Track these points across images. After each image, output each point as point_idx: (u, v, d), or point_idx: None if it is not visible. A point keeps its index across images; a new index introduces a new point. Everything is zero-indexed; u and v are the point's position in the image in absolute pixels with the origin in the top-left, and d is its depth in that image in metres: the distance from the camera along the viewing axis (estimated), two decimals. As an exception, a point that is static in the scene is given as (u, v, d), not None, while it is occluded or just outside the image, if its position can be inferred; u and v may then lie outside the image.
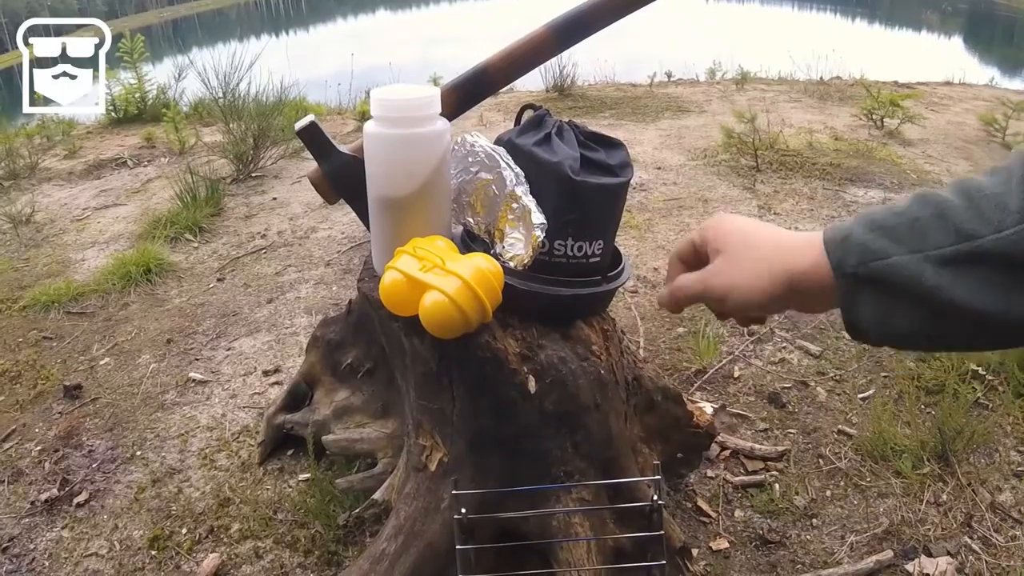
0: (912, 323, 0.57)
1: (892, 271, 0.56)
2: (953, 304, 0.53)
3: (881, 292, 0.57)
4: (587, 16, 1.28)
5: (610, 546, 1.39)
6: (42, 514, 1.88)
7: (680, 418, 1.70)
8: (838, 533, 1.75)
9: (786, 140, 4.61)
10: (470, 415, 1.30)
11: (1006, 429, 2.05)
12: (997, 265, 0.52)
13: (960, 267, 0.53)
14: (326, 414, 1.85)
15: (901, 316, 0.57)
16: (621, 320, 2.58)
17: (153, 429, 2.17)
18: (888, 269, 0.56)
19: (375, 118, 1.15)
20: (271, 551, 1.74)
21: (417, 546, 1.37)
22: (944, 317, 0.55)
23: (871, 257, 0.57)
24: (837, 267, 0.59)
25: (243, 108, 4.55)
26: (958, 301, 0.53)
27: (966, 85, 7.46)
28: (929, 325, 0.56)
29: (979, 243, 0.52)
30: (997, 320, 0.53)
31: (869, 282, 0.57)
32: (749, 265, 0.66)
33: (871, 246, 0.57)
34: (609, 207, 1.22)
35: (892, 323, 0.58)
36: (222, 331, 2.70)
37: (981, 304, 0.52)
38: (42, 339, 2.70)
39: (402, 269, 1.12)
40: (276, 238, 3.55)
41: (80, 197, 4.28)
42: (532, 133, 1.22)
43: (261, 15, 44.45)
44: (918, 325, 0.56)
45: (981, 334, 0.55)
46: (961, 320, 0.54)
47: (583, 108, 5.96)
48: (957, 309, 0.53)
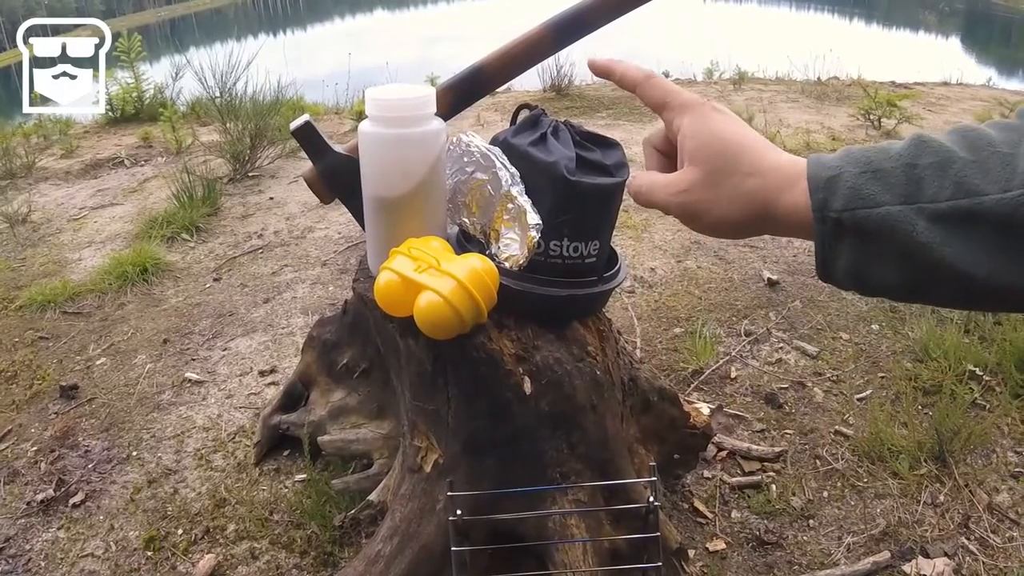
0: (892, 277, 0.54)
1: (882, 222, 0.52)
2: (941, 262, 0.50)
3: (865, 242, 0.53)
4: (585, 15, 1.27)
5: (606, 547, 1.39)
6: (38, 515, 1.88)
7: (676, 419, 1.70)
8: (835, 534, 1.75)
9: (783, 140, 4.61)
10: (465, 416, 1.29)
11: (1003, 430, 2.05)
12: (994, 227, 0.48)
13: (954, 224, 0.50)
14: (322, 415, 1.84)
15: (882, 268, 0.54)
16: (618, 320, 2.58)
17: (149, 429, 2.17)
18: (878, 219, 0.52)
19: (370, 118, 1.15)
20: (267, 552, 1.73)
21: (412, 547, 1.37)
22: (928, 274, 0.52)
23: (859, 204, 0.53)
24: (819, 208, 0.55)
25: (240, 108, 4.54)
26: (947, 259, 0.50)
27: (963, 85, 7.47)
28: (910, 281, 0.53)
29: (981, 201, 0.49)
30: (981, 283, 0.50)
31: (854, 230, 0.53)
32: (727, 192, 0.61)
33: (861, 191, 0.53)
34: (605, 207, 1.21)
35: (871, 274, 0.54)
36: (218, 331, 2.70)
37: (968, 265, 0.50)
38: (38, 339, 2.69)
39: (397, 269, 1.11)
40: (273, 238, 3.54)
41: (77, 197, 4.27)
42: (528, 133, 1.22)
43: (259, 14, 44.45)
44: (898, 279, 0.54)
45: (962, 295, 0.52)
46: (944, 278, 0.51)
47: (580, 108, 5.96)
48: (944, 267, 0.50)
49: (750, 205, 0.60)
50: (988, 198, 0.48)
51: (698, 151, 0.63)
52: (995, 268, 0.49)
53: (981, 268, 0.49)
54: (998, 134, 0.52)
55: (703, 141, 0.63)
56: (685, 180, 0.63)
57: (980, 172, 0.50)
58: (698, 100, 0.65)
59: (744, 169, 0.60)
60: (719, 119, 0.64)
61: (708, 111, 0.64)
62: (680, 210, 0.64)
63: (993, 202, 0.48)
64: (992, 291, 0.50)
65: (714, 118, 0.64)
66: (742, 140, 0.62)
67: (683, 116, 0.65)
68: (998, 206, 0.48)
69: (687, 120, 0.64)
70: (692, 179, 0.62)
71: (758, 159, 0.61)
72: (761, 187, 0.59)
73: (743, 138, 0.62)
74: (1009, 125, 0.53)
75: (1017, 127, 0.52)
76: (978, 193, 0.49)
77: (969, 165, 0.50)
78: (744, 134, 0.63)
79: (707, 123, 0.63)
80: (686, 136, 0.64)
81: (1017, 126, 0.52)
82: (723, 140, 0.62)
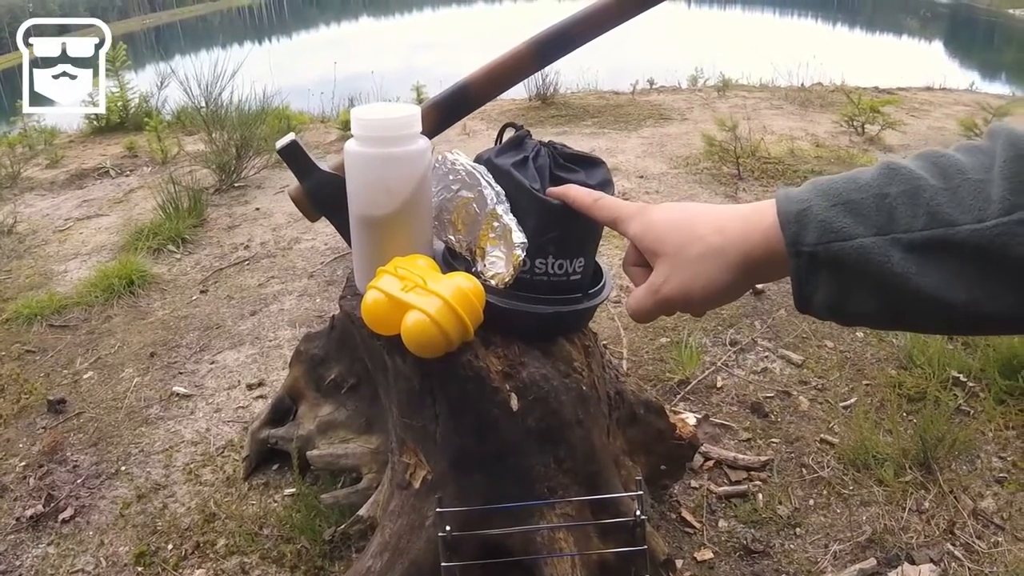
0: (871, 307, 0.54)
1: (857, 255, 0.52)
2: (919, 292, 0.50)
3: (841, 274, 0.54)
4: (569, 31, 1.28)
5: (594, 561, 1.40)
6: (27, 530, 1.87)
7: (663, 430, 1.71)
8: (821, 542, 1.77)
9: (767, 147, 4.63)
10: (453, 433, 1.30)
11: (988, 436, 2.07)
12: (970, 256, 0.49)
13: (929, 254, 0.50)
14: (310, 429, 1.85)
15: (860, 299, 0.54)
16: (604, 331, 2.59)
17: (138, 444, 2.16)
18: (852, 252, 0.52)
19: (355, 137, 1.16)
20: (257, 567, 1.73)
21: (402, 563, 1.37)
22: (907, 304, 0.52)
23: (832, 237, 0.53)
24: (792, 243, 0.55)
25: (225, 117, 4.55)
26: (925, 289, 0.50)
27: (946, 90, 7.52)
28: (889, 310, 0.53)
29: (955, 231, 0.49)
30: (960, 311, 0.50)
31: (828, 263, 0.54)
32: (699, 264, 0.61)
33: (832, 224, 0.53)
34: (589, 225, 1.22)
35: (849, 305, 0.55)
36: (206, 344, 2.69)
37: (946, 293, 0.50)
38: (25, 352, 2.69)
39: (383, 289, 1.12)
40: (259, 249, 3.54)
41: (62, 207, 4.26)
42: (511, 154, 1.23)
43: (244, 22, 44.30)
44: (876, 309, 0.54)
45: (942, 322, 0.53)
46: (923, 307, 0.51)
47: (566, 117, 5.98)
48: (922, 297, 0.51)
49: (725, 259, 0.60)
50: (963, 228, 0.49)
51: (655, 243, 0.65)
52: (973, 296, 0.49)
53: (959, 296, 0.50)
54: (967, 159, 0.52)
55: (655, 233, 0.66)
56: (659, 275, 0.65)
57: (952, 201, 0.50)
58: (638, 206, 0.69)
59: (702, 231, 0.62)
60: (660, 209, 0.67)
61: (649, 209, 0.68)
62: (671, 303, 0.65)
63: (968, 232, 0.48)
64: (972, 318, 0.51)
65: (655, 211, 0.67)
66: (690, 213, 0.65)
67: (631, 224, 0.68)
68: (973, 236, 0.48)
69: (635, 225, 0.68)
70: (663, 270, 0.64)
71: (716, 217, 0.62)
72: (732, 242, 0.60)
73: (690, 213, 0.65)
74: (978, 148, 0.53)
75: (987, 150, 0.52)
76: (952, 223, 0.49)
77: (940, 193, 0.50)
78: (690, 208, 0.66)
79: (651, 217, 0.67)
80: (641, 238, 0.67)
81: (987, 148, 0.52)
82: (671, 222, 0.65)
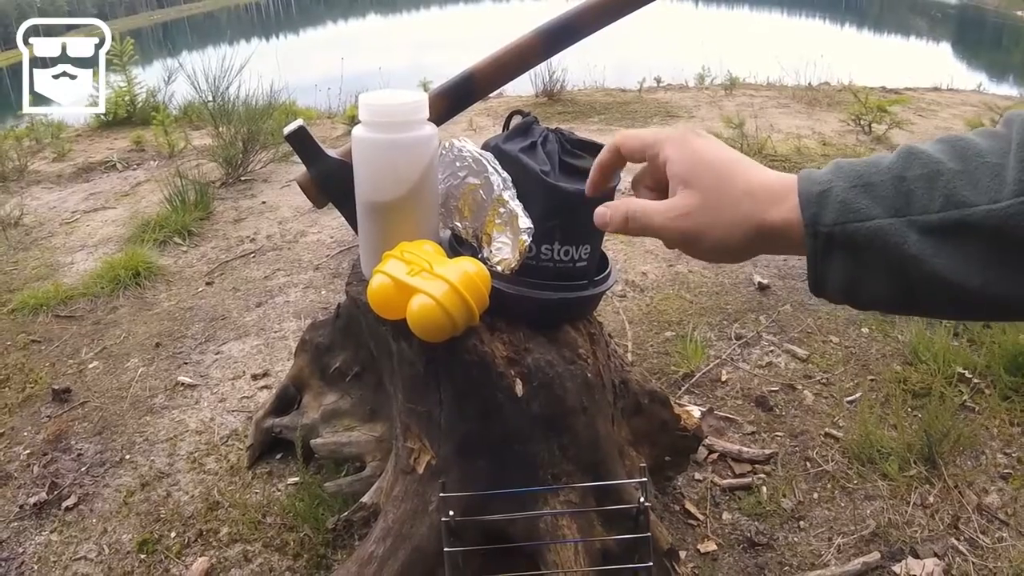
0: (884, 289, 0.54)
1: (873, 235, 0.52)
2: (933, 274, 0.50)
3: (857, 255, 0.53)
4: (574, 22, 1.28)
5: (597, 548, 1.40)
6: (31, 518, 1.88)
7: (667, 421, 1.71)
8: (825, 535, 1.76)
9: (774, 146, 4.63)
10: (458, 418, 1.30)
11: (992, 431, 2.06)
12: (984, 238, 0.48)
13: (945, 236, 0.50)
14: (314, 418, 1.85)
15: (874, 282, 0.54)
16: (609, 324, 2.59)
17: (142, 433, 2.17)
18: (869, 233, 0.52)
19: (363, 123, 1.16)
20: (260, 555, 1.74)
21: (405, 549, 1.38)
22: (921, 286, 0.52)
23: (850, 217, 0.53)
24: (811, 223, 0.55)
25: (232, 112, 4.55)
26: (939, 271, 0.50)
27: (954, 91, 7.51)
28: (903, 293, 0.53)
29: (970, 213, 0.49)
30: (975, 294, 0.50)
31: (845, 244, 0.54)
32: (723, 215, 0.60)
33: (851, 205, 0.53)
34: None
35: (863, 287, 0.55)
36: (211, 335, 2.70)
37: (961, 277, 0.50)
38: (31, 342, 2.69)
39: (390, 273, 1.12)
40: (265, 242, 3.55)
41: (69, 200, 4.27)
42: (519, 139, 1.23)
43: (251, 19, 44.37)
44: (890, 292, 0.54)
45: (956, 306, 0.52)
46: (937, 290, 0.51)
47: (572, 113, 5.98)
48: (936, 279, 0.50)
49: (746, 225, 0.59)
50: (978, 209, 0.48)
51: (691, 174, 0.62)
52: (988, 279, 0.49)
53: (974, 279, 0.49)
54: (985, 143, 0.52)
55: (693, 165, 0.62)
56: (684, 204, 0.62)
57: (969, 183, 0.50)
58: (677, 130, 0.65)
59: (737, 184, 0.60)
60: (703, 143, 0.64)
61: (691, 137, 0.64)
62: (679, 234, 0.62)
63: (983, 213, 0.48)
64: (986, 302, 0.50)
65: (698, 142, 0.64)
66: (730, 160, 0.62)
67: (667, 148, 0.64)
68: (988, 217, 0.48)
69: (672, 149, 0.64)
70: (691, 203, 0.61)
71: (747, 175, 0.61)
72: (754, 204, 0.59)
73: (730, 158, 0.62)
74: (996, 133, 0.52)
75: (1004, 135, 0.51)
76: (968, 204, 0.49)
77: (958, 176, 0.50)
78: (730, 154, 0.63)
79: (693, 147, 0.63)
80: (675, 163, 0.63)
81: (1004, 134, 0.52)
82: (712, 162, 0.62)
